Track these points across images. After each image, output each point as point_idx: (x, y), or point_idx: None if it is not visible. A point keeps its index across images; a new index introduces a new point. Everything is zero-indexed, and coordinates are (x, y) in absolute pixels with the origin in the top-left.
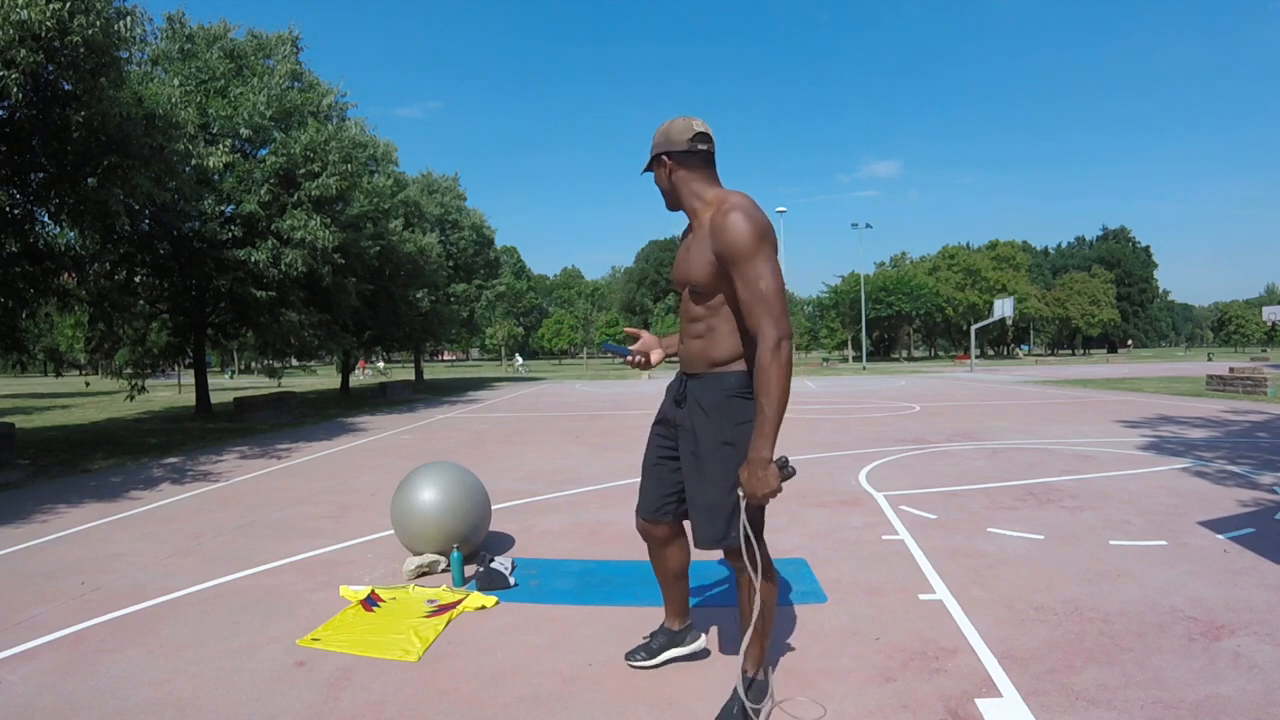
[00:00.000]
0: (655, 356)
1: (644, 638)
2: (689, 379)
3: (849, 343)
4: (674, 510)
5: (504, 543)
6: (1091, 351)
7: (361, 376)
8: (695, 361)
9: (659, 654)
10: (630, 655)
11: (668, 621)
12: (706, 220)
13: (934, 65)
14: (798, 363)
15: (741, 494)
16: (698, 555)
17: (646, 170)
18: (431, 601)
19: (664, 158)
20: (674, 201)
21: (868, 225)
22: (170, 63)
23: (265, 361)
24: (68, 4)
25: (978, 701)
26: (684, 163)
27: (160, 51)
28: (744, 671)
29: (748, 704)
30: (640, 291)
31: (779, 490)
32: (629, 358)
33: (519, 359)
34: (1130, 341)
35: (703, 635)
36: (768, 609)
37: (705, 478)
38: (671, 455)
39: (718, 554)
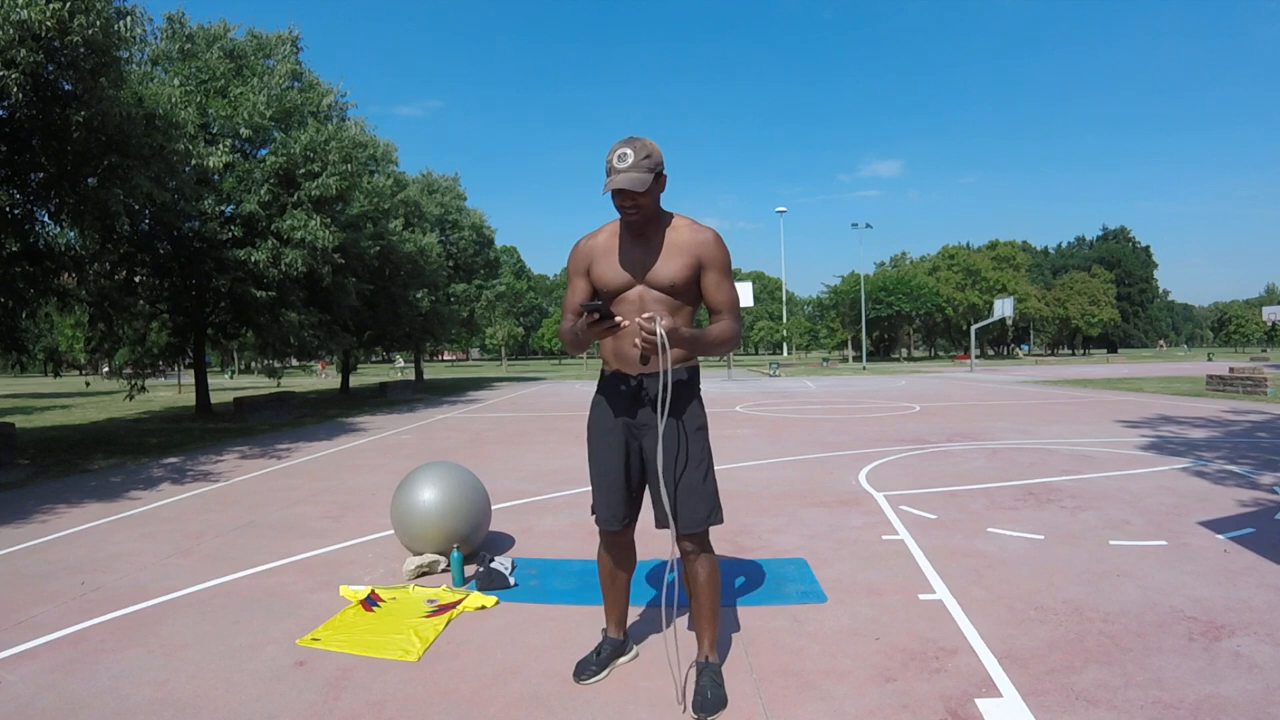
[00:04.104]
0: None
1: (592, 653)
2: (645, 378)
3: (849, 342)
4: (635, 514)
5: (504, 543)
6: (1091, 351)
7: (323, 377)
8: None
9: (607, 665)
10: (580, 674)
11: (611, 632)
12: (684, 235)
13: (936, 65)
14: (798, 362)
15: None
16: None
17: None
18: (431, 601)
19: (663, 175)
20: (648, 216)
21: (868, 225)
22: (170, 63)
23: (265, 361)
24: (68, 4)
25: (978, 701)
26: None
27: (160, 51)
28: (706, 659)
29: (724, 691)
30: None
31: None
32: (615, 319)
33: (399, 361)
34: (1162, 342)
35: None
36: (719, 591)
37: (690, 463)
38: (629, 459)
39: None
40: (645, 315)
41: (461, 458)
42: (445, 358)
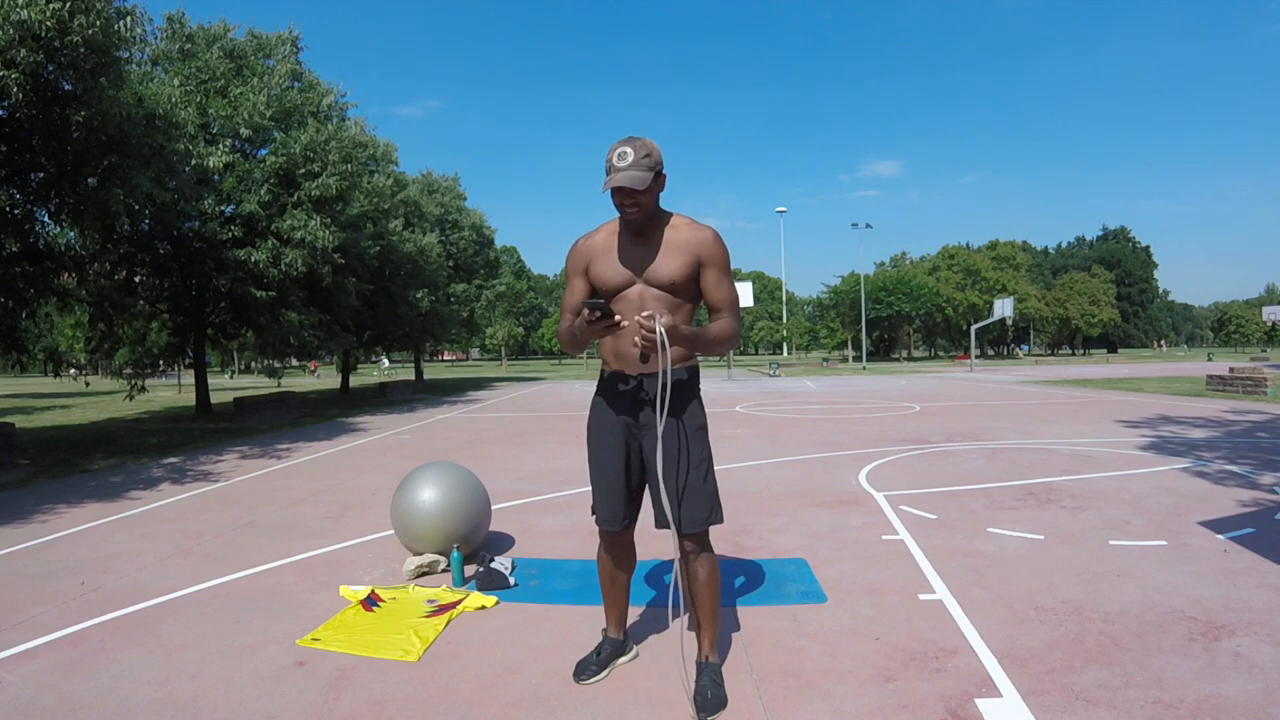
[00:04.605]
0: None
1: (592, 652)
2: (645, 377)
3: (849, 343)
4: (635, 514)
5: (504, 543)
6: (1091, 351)
7: (317, 377)
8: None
9: (607, 665)
10: (580, 674)
11: (611, 632)
12: (683, 234)
13: (936, 65)
14: (799, 362)
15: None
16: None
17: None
18: (431, 601)
19: (662, 174)
20: (648, 214)
21: (868, 225)
22: (170, 63)
23: (265, 361)
24: (68, 4)
25: (978, 701)
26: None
27: (160, 51)
28: (706, 659)
29: (724, 691)
30: None
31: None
32: (616, 317)
33: (385, 361)
34: (1162, 342)
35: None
36: (719, 591)
37: (691, 463)
38: (629, 459)
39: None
40: (645, 314)
41: (461, 458)
42: (445, 358)
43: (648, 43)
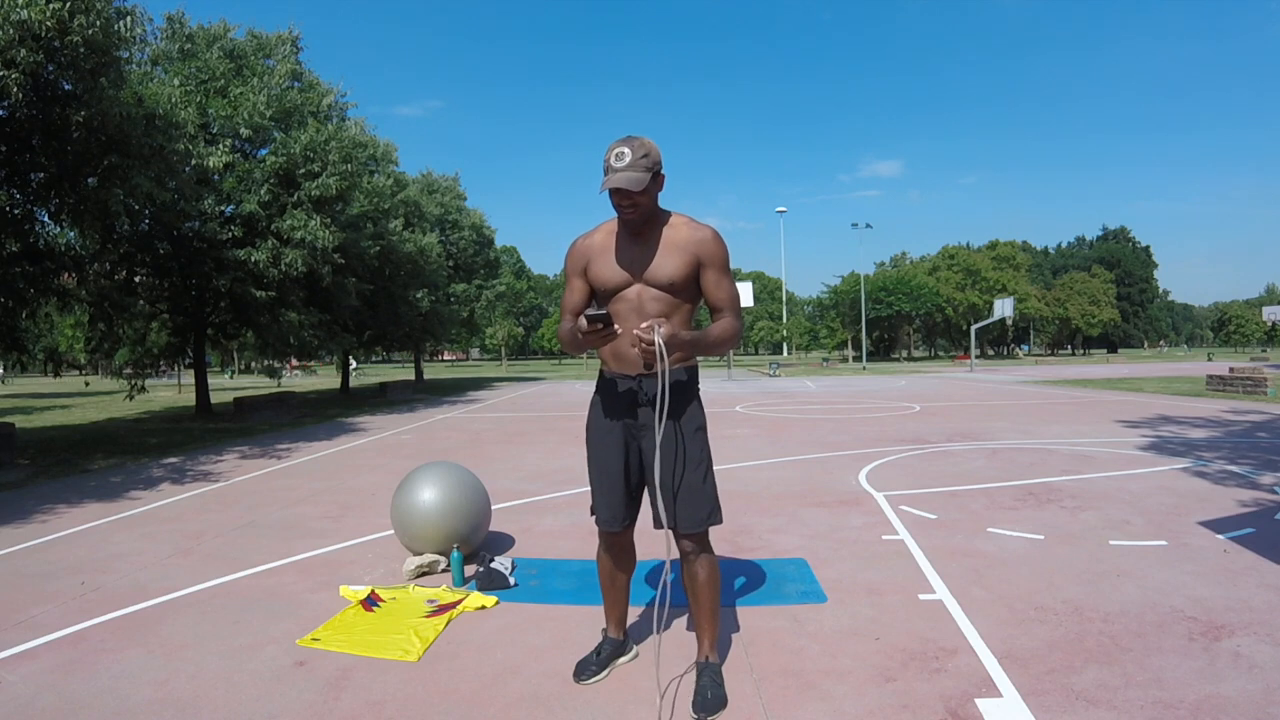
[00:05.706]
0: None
1: (592, 652)
2: (644, 378)
3: (849, 342)
4: (635, 515)
5: (504, 543)
6: (1091, 351)
7: (290, 374)
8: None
9: (607, 665)
10: (580, 674)
11: (611, 632)
12: (682, 233)
13: (936, 65)
14: (799, 362)
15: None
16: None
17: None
18: (431, 601)
19: (661, 174)
20: (646, 215)
21: (868, 225)
22: (170, 63)
23: (265, 362)
24: (68, 4)
25: (978, 701)
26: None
27: (160, 51)
28: (706, 659)
29: (724, 691)
30: None
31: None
32: (615, 328)
33: (353, 363)
34: (1162, 342)
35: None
36: (719, 591)
37: (689, 463)
38: (628, 460)
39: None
40: (644, 324)
41: (461, 458)
42: (445, 358)
43: (648, 42)
